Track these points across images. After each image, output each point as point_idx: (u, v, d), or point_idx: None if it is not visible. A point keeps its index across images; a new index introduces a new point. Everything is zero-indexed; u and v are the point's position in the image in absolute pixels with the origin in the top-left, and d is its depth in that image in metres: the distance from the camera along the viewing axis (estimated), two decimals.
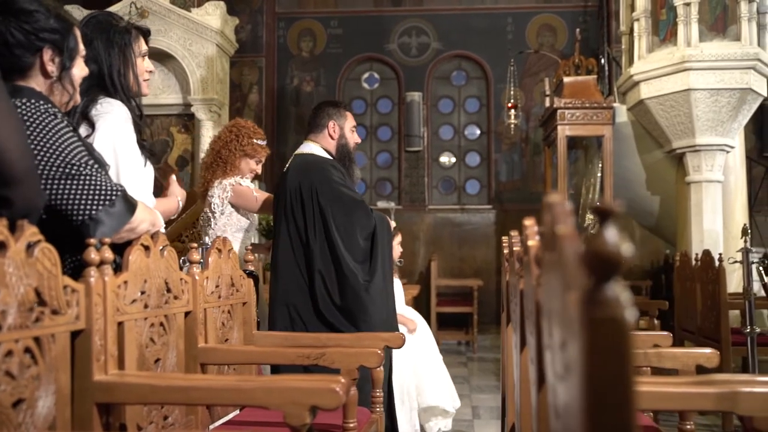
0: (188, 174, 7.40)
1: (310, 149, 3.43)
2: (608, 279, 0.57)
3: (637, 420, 1.78)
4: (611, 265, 0.56)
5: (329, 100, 3.64)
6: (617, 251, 0.56)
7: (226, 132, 3.69)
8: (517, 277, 1.60)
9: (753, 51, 5.53)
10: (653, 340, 2.40)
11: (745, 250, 4.28)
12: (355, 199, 3.23)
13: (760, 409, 1.41)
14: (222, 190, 3.55)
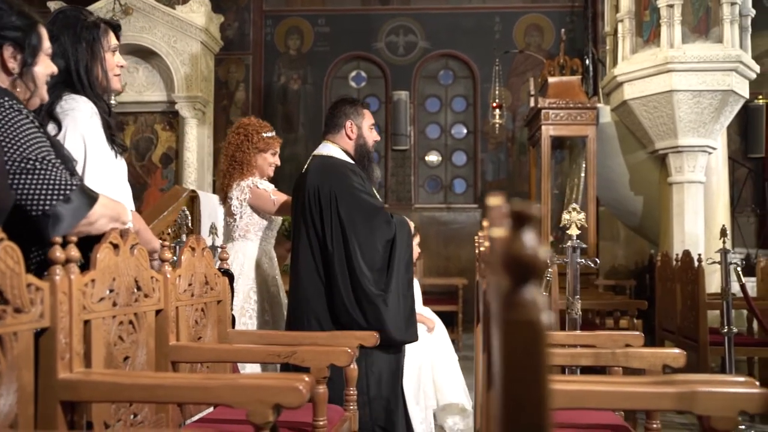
0: (172, 171, 7.39)
1: (329, 150, 3.35)
2: (525, 282, 0.58)
3: (607, 419, 1.79)
4: (528, 269, 0.57)
5: (346, 98, 3.53)
6: (534, 255, 0.57)
7: (234, 136, 3.69)
8: (481, 278, 1.62)
9: (735, 53, 5.56)
10: (625, 340, 2.42)
11: (723, 251, 4.31)
12: (375, 207, 3.17)
13: (717, 408, 1.42)
14: (240, 192, 3.56)
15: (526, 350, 0.56)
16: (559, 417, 2.18)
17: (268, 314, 3.58)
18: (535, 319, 0.56)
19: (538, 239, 0.58)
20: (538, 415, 0.55)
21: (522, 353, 0.56)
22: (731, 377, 1.48)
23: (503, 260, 0.58)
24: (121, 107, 7.14)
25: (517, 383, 0.56)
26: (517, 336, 0.56)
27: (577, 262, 2.91)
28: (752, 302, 4.44)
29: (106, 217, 1.86)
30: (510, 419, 0.56)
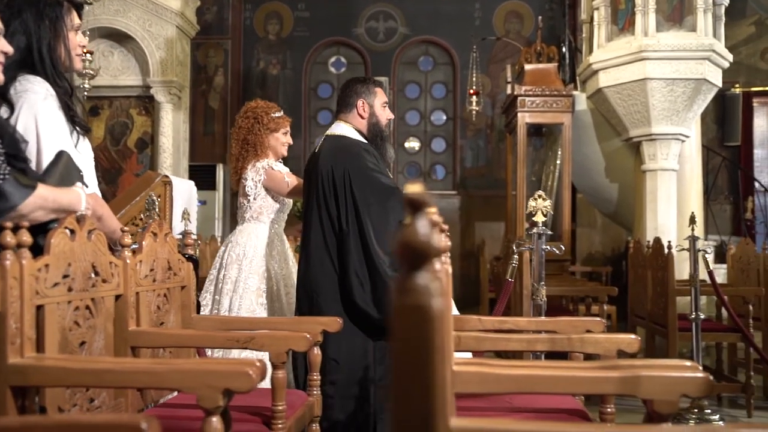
0: (148, 156, 7.35)
1: (342, 130, 3.33)
2: (418, 268, 0.59)
3: (566, 404, 1.82)
4: (421, 255, 0.59)
5: (357, 77, 3.49)
6: (427, 242, 0.59)
7: (243, 120, 3.70)
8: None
9: (708, 42, 5.60)
10: (585, 326, 2.45)
11: (692, 238, 4.36)
12: (389, 187, 3.15)
13: (659, 392, 1.45)
14: (255, 173, 3.58)
15: (416, 333, 0.57)
16: (518, 401, 2.21)
17: (283, 295, 3.61)
18: (425, 304, 0.57)
19: (432, 226, 0.60)
20: (427, 395, 0.57)
21: (412, 336, 0.57)
22: (675, 362, 1.50)
23: (397, 247, 0.59)
24: (96, 91, 7.08)
25: (406, 365, 0.57)
26: (407, 320, 0.57)
27: (542, 249, 2.93)
28: (719, 289, 4.50)
29: (43, 210, 1.84)
30: (400, 398, 0.57)
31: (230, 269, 3.56)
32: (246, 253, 3.57)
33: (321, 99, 10.53)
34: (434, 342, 0.57)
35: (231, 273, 3.56)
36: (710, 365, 5.35)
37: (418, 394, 0.56)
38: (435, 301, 0.58)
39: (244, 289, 3.51)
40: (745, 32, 10.41)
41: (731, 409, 4.73)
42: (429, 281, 0.58)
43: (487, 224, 9.78)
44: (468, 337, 2.05)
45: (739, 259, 5.66)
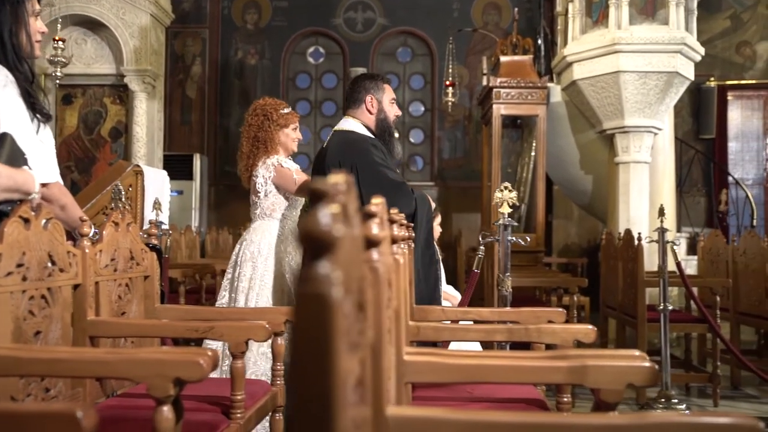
0: (122, 146, 7.29)
1: (350, 125, 3.35)
2: (320, 257, 0.59)
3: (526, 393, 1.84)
4: (322, 245, 0.59)
5: (366, 74, 3.56)
6: (328, 231, 0.59)
7: (253, 117, 3.68)
8: None
9: (680, 35, 5.64)
10: (548, 316, 2.47)
11: (661, 230, 4.40)
12: (396, 182, 3.17)
13: (606, 381, 1.47)
14: (265, 169, 3.57)
15: (316, 322, 0.58)
16: (478, 391, 2.22)
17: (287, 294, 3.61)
18: (325, 293, 0.58)
19: (334, 216, 0.60)
20: (326, 384, 0.57)
21: (311, 325, 0.58)
22: (623, 352, 1.52)
23: (300, 237, 0.60)
24: (69, 79, 7.01)
25: (305, 354, 0.58)
26: (307, 308, 0.58)
27: (508, 240, 2.95)
28: (687, 280, 4.55)
29: None
30: (299, 388, 0.58)
31: (245, 267, 3.55)
32: (261, 251, 3.55)
33: (299, 89, 10.50)
34: (334, 331, 0.58)
35: (246, 271, 3.54)
36: (681, 355, 5.41)
37: (317, 384, 0.57)
38: (335, 290, 0.59)
39: (260, 287, 3.49)
40: (721, 26, 10.49)
41: (699, 398, 4.80)
42: (330, 271, 0.59)
43: (465, 215, 9.81)
44: (427, 327, 2.07)
45: (709, 251, 5.73)
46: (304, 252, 0.59)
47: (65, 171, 7.21)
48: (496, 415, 1.01)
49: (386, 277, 1.34)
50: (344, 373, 0.59)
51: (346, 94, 3.48)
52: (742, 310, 5.10)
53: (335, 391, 0.58)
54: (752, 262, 4.97)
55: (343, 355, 0.59)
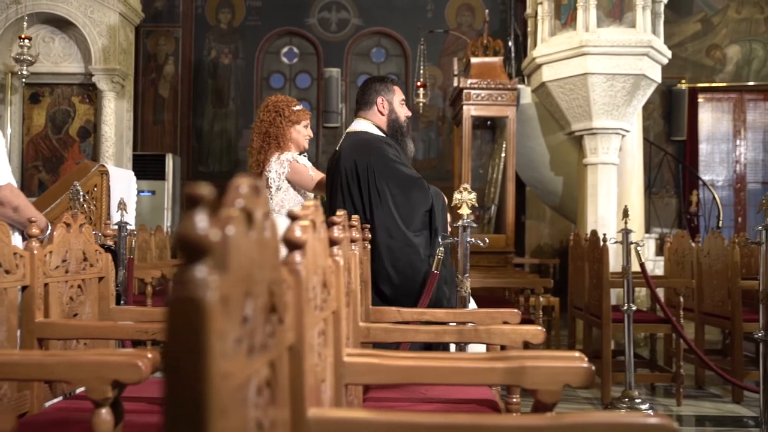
0: (90, 145, 7.23)
1: (362, 127, 3.42)
2: (196, 261, 0.60)
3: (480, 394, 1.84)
4: (197, 248, 0.59)
5: (376, 76, 3.61)
6: (204, 235, 0.59)
7: (264, 113, 3.70)
8: None
9: (647, 38, 5.69)
10: (503, 317, 2.48)
11: (625, 231, 4.44)
12: (412, 177, 3.22)
13: (542, 382, 1.48)
14: (279, 165, 3.58)
15: (188, 326, 0.58)
16: (432, 392, 2.23)
17: None
18: (198, 297, 0.58)
19: (211, 219, 0.61)
20: (199, 388, 0.58)
21: (184, 329, 0.58)
22: (562, 353, 1.54)
23: (177, 240, 0.60)
24: (37, 78, 6.94)
25: (176, 359, 0.58)
26: (179, 313, 0.58)
27: (467, 241, 2.97)
28: (650, 281, 4.59)
29: None
30: (170, 391, 0.58)
31: None
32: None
33: (273, 89, 10.47)
34: (207, 335, 0.58)
35: None
36: (647, 356, 5.47)
37: (190, 386, 0.57)
38: (210, 294, 0.59)
39: None
40: (692, 29, 10.62)
41: (664, 398, 4.85)
42: (206, 274, 0.59)
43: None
44: (377, 328, 2.07)
45: (675, 252, 5.79)
46: (182, 256, 0.60)
47: (32, 171, 7.14)
48: (416, 417, 1.02)
49: (321, 279, 1.34)
50: (220, 377, 0.59)
51: (356, 97, 3.56)
52: (706, 311, 5.16)
53: (207, 395, 0.58)
54: (716, 262, 5.03)
55: (218, 359, 0.59)
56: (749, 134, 10.92)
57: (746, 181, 10.88)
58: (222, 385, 0.61)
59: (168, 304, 0.59)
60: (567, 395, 4.80)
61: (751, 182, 10.89)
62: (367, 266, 2.54)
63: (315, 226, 1.30)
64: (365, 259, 2.48)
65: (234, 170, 10.25)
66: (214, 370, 0.59)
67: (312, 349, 1.18)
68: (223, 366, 0.61)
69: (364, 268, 2.44)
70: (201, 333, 0.58)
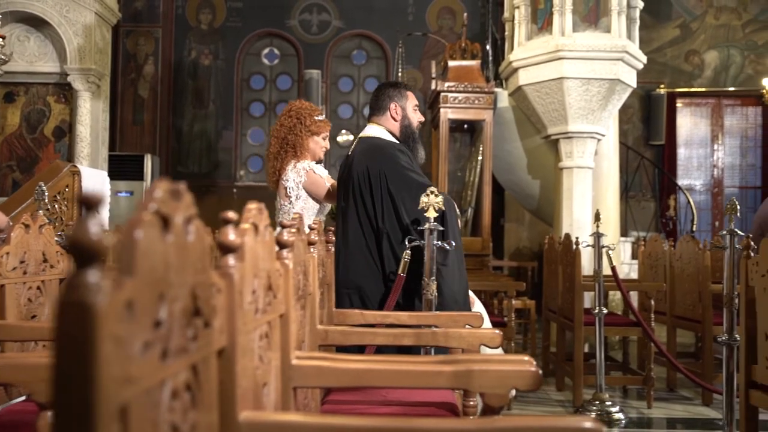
0: (66, 145, 7.18)
1: (375, 132, 3.41)
2: (88, 265, 0.59)
3: (441, 397, 1.84)
4: (90, 253, 0.59)
5: (389, 82, 3.68)
6: (97, 240, 0.59)
7: (286, 118, 3.68)
8: None
9: (621, 43, 5.73)
10: (466, 321, 2.49)
11: (597, 234, 4.47)
12: (423, 184, 3.20)
13: (490, 386, 1.49)
14: (296, 174, 3.57)
15: (77, 331, 0.58)
16: (393, 395, 2.23)
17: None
18: (88, 302, 0.58)
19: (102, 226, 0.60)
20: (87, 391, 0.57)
21: (73, 334, 0.58)
22: (511, 356, 1.54)
23: (68, 244, 0.60)
24: (11, 77, 6.89)
25: (65, 362, 0.58)
26: (69, 316, 0.58)
27: (434, 245, 2.97)
28: (621, 284, 4.62)
29: None
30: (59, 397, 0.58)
31: None
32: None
33: (253, 90, 10.45)
34: (97, 340, 0.58)
35: None
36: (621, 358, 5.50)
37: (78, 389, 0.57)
38: (102, 298, 0.59)
39: None
40: (671, 34, 10.70)
41: (636, 400, 4.88)
42: (98, 279, 0.59)
43: None
44: (335, 331, 2.07)
45: (649, 256, 5.83)
46: (74, 260, 0.60)
47: (6, 170, 7.08)
48: (346, 420, 1.02)
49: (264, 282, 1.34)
50: (114, 381, 0.59)
51: (370, 103, 3.56)
52: (678, 314, 5.20)
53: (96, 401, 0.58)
54: (688, 266, 5.07)
55: (111, 363, 0.59)
56: (727, 139, 11.01)
57: (723, 186, 10.97)
58: (118, 390, 0.61)
59: (57, 309, 0.59)
60: (540, 398, 4.82)
61: (728, 187, 10.98)
62: (331, 269, 2.54)
63: (257, 229, 1.30)
64: (328, 262, 2.48)
65: (213, 171, 10.22)
66: (105, 374, 0.58)
67: (249, 352, 1.18)
68: (119, 370, 0.61)
69: (327, 270, 2.44)
70: (90, 338, 0.58)
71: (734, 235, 2.98)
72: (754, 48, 10.65)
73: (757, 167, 10.95)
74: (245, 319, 1.13)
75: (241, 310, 1.10)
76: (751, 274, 2.65)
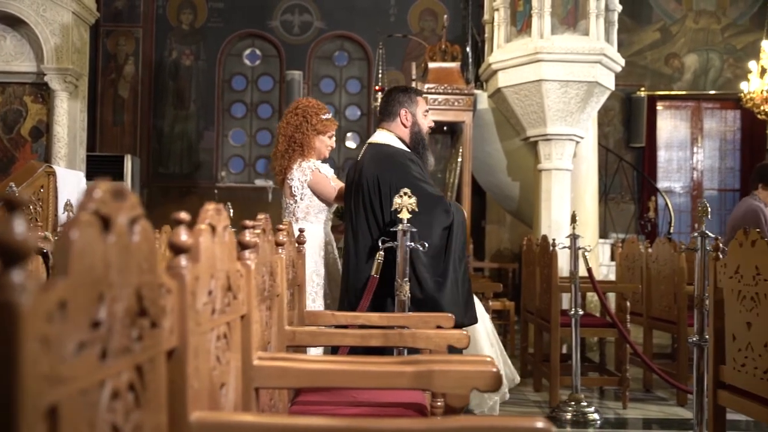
0: (43, 146, 7.13)
1: (384, 139, 3.41)
2: (14, 265, 0.59)
3: (411, 398, 1.84)
4: (15, 253, 0.59)
5: (399, 87, 3.61)
6: (22, 240, 0.59)
7: (292, 116, 3.65)
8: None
9: (599, 46, 5.77)
10: (436, 322, 2.50)
11: (573, 236, 4.50)
12: (435, 196, 3.23)
13: (451, 386, 1.49)
14: (302, 173, 3.55)
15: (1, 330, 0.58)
16: (363, 396, 2.24)
17: (329, 297, 3.61)
18: (11, 301, 0.58)
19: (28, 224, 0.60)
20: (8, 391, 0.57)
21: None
22: (473, 357, 1.55)
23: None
24: None
25: None
26: None
27: (407, 246, 2.98)
28: (597, 285, 4.65)
29: None
30: None
31: None
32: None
33: (235, 91, 10.43)
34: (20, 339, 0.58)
35: None
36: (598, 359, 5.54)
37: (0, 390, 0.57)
38: (26, 299, 0.59)
39: None
40: (651, 38, 10.79)
41: (613, 401, 4.91)
42: (23, 279, 0.59)
43: None
44: (303, 332, 2.07)
45: (626, 258, 5.86)
46: None
47: None
48: (297, 420, 1.02)
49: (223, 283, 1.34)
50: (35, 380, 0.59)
51: (379, 108, 3.56)
52: (654, 315, 5.24)
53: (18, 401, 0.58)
54: (664, 268, 5.11)
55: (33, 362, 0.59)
56: (706, 142, 11.12)
57: (703, 188, 11.07)
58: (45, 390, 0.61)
59: None
60: (517, 398, 4.84)
61: (708, 189, 11.09)
62: (302, 270, 2.54)
63: (214, 230, 1.30)
64: (299, 263, 2.48)
65: (194, 172, 10.18)
66: (29, 374, 0.58)
67: (204, 353, 1.18)
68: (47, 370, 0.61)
69: (298, 272, 2.44)
70: (13, 338, 0.58)
71: (705, 237, 3.01)
72: (732, 52, 10.76)
73: (736, 170, 11.05)
74: (199, 320, 1.13)
75: (194, 310, 1.10)
76: (719, 275, 2.68)
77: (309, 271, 3.49)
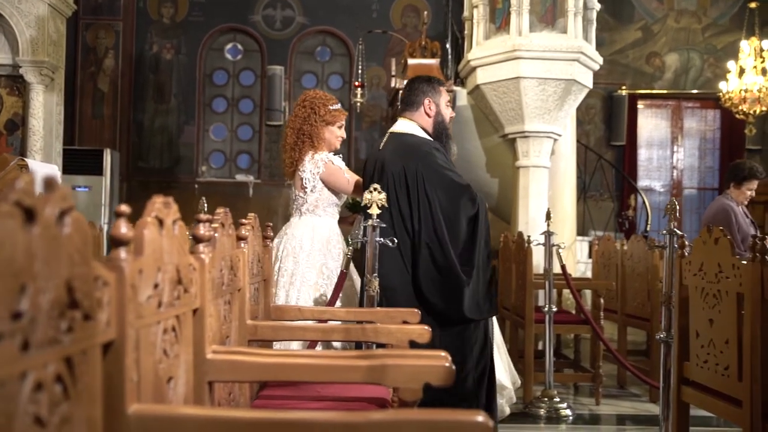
0: (18, 138, 7.07)
1: (407, 128, 3.39)
2: None
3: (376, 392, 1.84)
4: None
5: (422, 76, 3.61)
6: None
7: (300, 108, 3.62)
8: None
9: (577, 44, 5.79)
10: (402, 317, 2.50)
11: (547, 233, 4.53)
12: (461, 185, 3.20)
13: (403, 381, 1.50)
14: (314, 165, 3.52)
15: None
16: (327, 390, 2.24)
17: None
18: None
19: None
20: None
21: None
22: (426, 352, 1.55)
23: None
24: None
25: None
26: None
27: (376, 241, 2.98)
28: (571, 282, 4.68)
29: None
30: None
31: (286, 261, 3.46)
32: (303, 246, 3.47)
33: (216, 86, 10.38)
34: None
35: (287, 265, 3.45)
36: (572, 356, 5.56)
37: None
38: None
39: (301, 283, 3.40)
40: (633, 36, 10.83)
41: (587, 397, 4.93)
42: None
43: None
44: (265, 326, 2.07)
45: (602, 255, 5.90)
46: None
47: None
48: (236, 413, 1.02)
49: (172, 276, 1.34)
50: None
51: (402, 97, 3.53)
52: (628, 312, 5.27)
53: None
54: (638, 265, 5.15)
55: None
56: (686, 141, 11.19)
57: (683, 187, 11.15)
58: None
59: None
60: None
61: (687, 188, 11.17)
62: (268, 264, 2.54)
63: (162, 223, 1.30)
64: (265, 258, 2.47)
65: (174, 167, 10.13)
66: None
67: (148, 345, 1.18)
68: None
69: (264, 266, 2.44)
70: None
71: (674, 234, 3.03)
72: (713, 51, 10.83)
73: (715, 169, 11.14)
74: (141, 312, 1.13)
75: (135, 303, 1.09)
76: (684, 273, 2.70)
77: (318, 264, 3.47)
